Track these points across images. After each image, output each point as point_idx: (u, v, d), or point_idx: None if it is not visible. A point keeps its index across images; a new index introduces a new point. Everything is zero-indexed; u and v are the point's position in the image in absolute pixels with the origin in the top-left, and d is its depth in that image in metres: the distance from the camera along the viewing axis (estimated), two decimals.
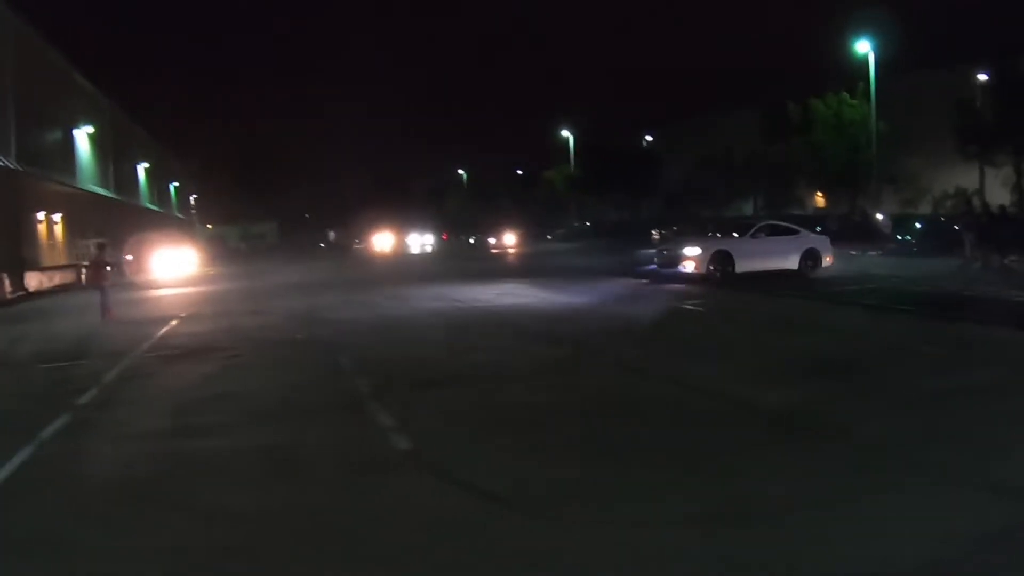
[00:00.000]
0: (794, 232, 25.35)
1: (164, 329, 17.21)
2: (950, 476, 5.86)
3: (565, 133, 72.70)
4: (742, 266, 23.64)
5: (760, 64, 64.12)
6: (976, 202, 31.36)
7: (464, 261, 42.14)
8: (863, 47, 43.82)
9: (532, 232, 64.56)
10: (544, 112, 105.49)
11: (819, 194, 59.04)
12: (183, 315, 19.93)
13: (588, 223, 66.84)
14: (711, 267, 23.48)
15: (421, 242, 70.46)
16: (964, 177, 45.98)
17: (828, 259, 24.72)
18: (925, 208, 47.11)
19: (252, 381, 11.00)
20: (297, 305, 21.31)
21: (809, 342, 12.77)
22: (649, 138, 74.49)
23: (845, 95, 47.56)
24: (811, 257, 24.44)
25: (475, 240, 67.32)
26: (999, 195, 42.86)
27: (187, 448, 7.69)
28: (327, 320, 17.57)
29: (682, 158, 63.82)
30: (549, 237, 66.34)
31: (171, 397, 10.15)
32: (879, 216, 40.32)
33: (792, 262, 24.16)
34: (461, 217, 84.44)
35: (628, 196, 66.09)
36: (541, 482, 6.16)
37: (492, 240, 61.83)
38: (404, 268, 38.95)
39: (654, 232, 50.64)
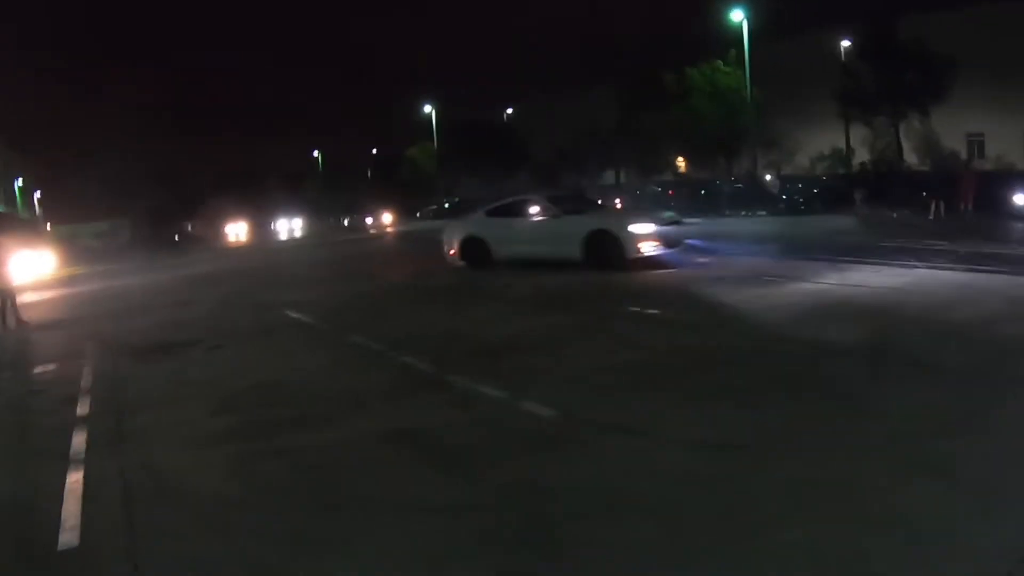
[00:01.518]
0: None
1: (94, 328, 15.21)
2: None
3: (428, 109, 71.07)
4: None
5: (629, 35, 64.11)
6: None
7: (348, 246, 40.18)
8: (737, 16, 44.43)
9: (402, 212, 63.13)
10: (406, 91, 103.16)
11: (680, 159, 60.06)
12: (98, 314, 17.74)
13: (457, 200, 65.58)
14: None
15: (290, 227, 67.90)
16: (837, 138, 47.74)
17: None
18: (797, 169, 48.47)
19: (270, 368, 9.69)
20: (224, 289, 19.74)
21: None
22: (510, 111, 73.84)
23: (719, 63, 48.10)
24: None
25: (350, 221, 65.07)
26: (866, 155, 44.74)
27: (287, 445, 6.45)
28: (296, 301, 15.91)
29: (551, 129, 63.42)
30: (417, 215, 65.00)
31: (198, 391, 8.73)
32: (768, 178, 40.98)
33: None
34: (321, 200, 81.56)
35: (497, 170, 65.08)
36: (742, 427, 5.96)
37: (369, 220, 60.00)
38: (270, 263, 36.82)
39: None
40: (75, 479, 6.06)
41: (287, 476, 5.86)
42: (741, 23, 44.74)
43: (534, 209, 17.82)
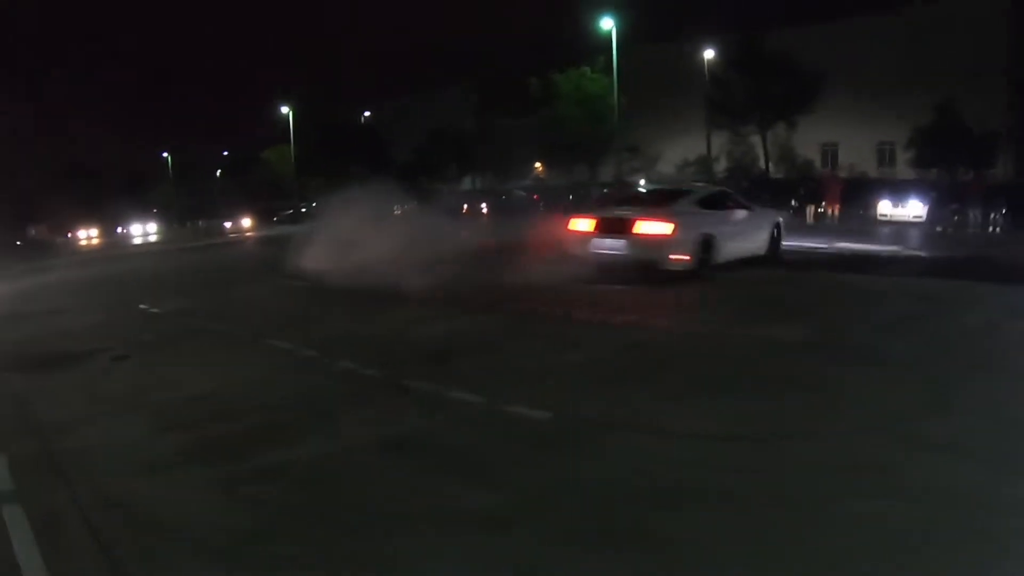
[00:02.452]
0: None
1: None
2: None
3: (284, 110, 68.98)
4: None
5: (493, 39, 63.78)
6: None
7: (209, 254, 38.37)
8: (607, 23, 44.91)
9: (259, 216, 61.05)
10: (261, 91, 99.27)
11: (539, 165, 60.61)
12: None
13: (315, 204, 63.76)
14: None
15: (144, 231, 64.63)
16: (699, 146, 49.05)
17: None
18: (662, 176, 49.54)
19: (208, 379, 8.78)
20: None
21: None
22: (367, 113, 72.54)
23: (586, 69, 48.58)
24: None
25: (206, 226, 62.30)
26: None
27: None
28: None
29: (411, 132, 62.67)
30: (275, 220, 63.03)
31: (125, 407, 7.85)
32: (641, 183, 41.55)
33: None
34: (172, 202, 78.06)
35: (358, 173, 63.52)
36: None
37: (228, 224, 57.67)
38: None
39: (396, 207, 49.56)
40: (14, 516, 5.20)
41: (291, 497, 5.23)
42: (610, 30, 45.20)
43: None
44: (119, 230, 67.50)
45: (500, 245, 21.62)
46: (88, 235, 65.71)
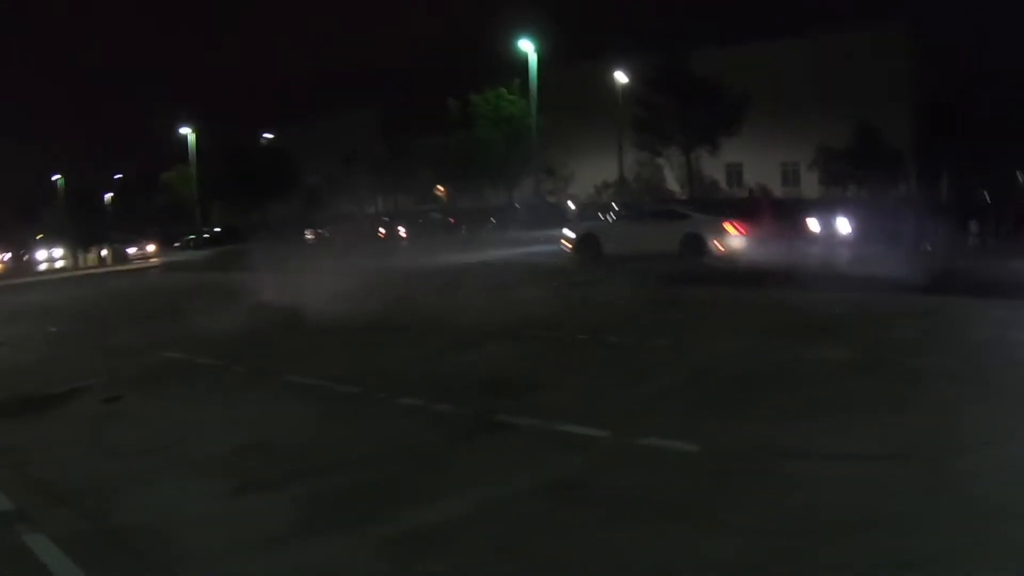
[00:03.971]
0: None
1: None
2: None
3: (185, 131, 66.28)
4: None
5: (404, 61, 62.81)
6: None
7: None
8: (526, 46, 44.65)
9: (161, 241, 58.35)
10: (158, 112, 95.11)
11: (440, 188, 60.00)
12: None
13: (218, 229, 61.27)
14: None
15: (49, 257, 60.96)
16: (609, 167, 49.38)
17: None
18: (581, 196, 49.66)
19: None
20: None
21: None
22: (268, 135, 70.55)
23: (503, 91, 48.22)
24: None
25: (110, 252, 58.99)
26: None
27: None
28: None
29: (318, 154, 61.10)
30: (177, 245, 60.38)
31: (159, 464, 6.66)
32: (569, 203, 41.27)
33: None
34: (65, 228, 73.89)
35: (261, 197, 61.30)
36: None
37: (132, 250, 54.85)
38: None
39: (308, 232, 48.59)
40: None
41: (477, 565, 4.35)
42: (527, 53, 44.91)
43: None
44: (23, 256, 63.48)
45: (443, 269, 21.49)
46: None
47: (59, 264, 59.30)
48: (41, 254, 62.38)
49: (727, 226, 20.26)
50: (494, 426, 6.83)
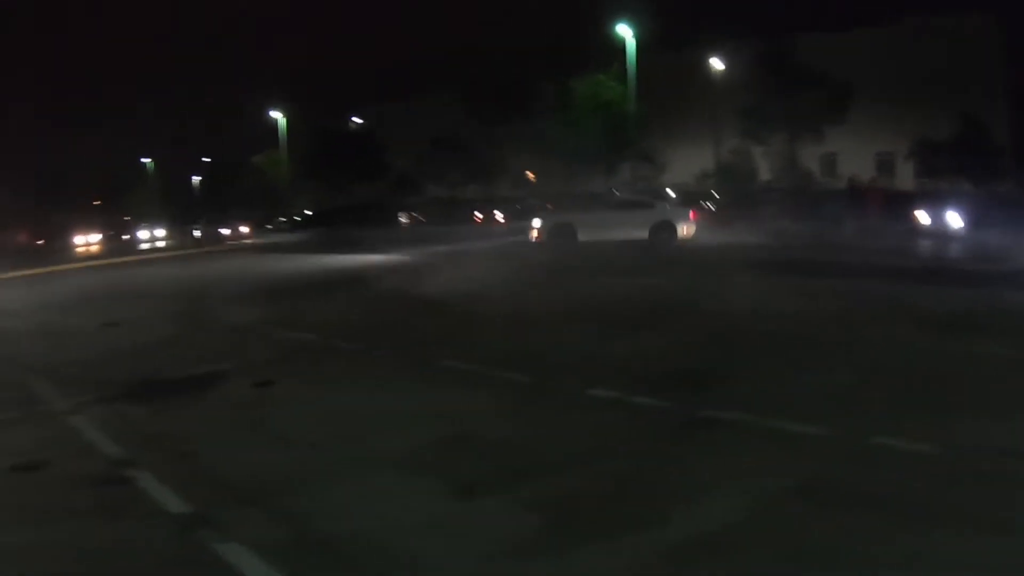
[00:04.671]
0: None
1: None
2: None
3: (276, 115, 66.51)
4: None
5: (497, 46, 61.98)
6: None
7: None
8: (624, 31, 43.64)
9: (254, 222, 58.68)
10: (246, 95, 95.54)
11: (529, 173, 59.08)
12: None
13: (308, 211, 61.31)
14: None
15: (152, 237, 61.71)
16: (705, 155, 48.23)
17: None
18: (676, 185, 48.30)
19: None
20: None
21: None
22: (358, 120, 70.38)
23: (601, 76, 47.18)
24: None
25: (201, 232, 59.33)
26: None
27: None
28: None
29: (411, 138, 60.66)
30: (269, 227, 60.72)
31: (365, 454, 6.03)
32: (669, 191, 39.98)
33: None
34: (154, 210, 74.92)
35: (353, 180, 61.04)
36: None
37: (225, 231, 55.12)
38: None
39: (402, 216, 48.39)
40: None
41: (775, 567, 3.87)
42: (625, 38, 43.86)
43: None
44: (122, 236, 64.20)
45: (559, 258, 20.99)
46: (87, 241, 62.49)
47: (161, 244, 59.69)
48: (142, 234, 63.00)
49: (692, 215, 24.24)
50: (706, 422, 6.25)
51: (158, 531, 4.84)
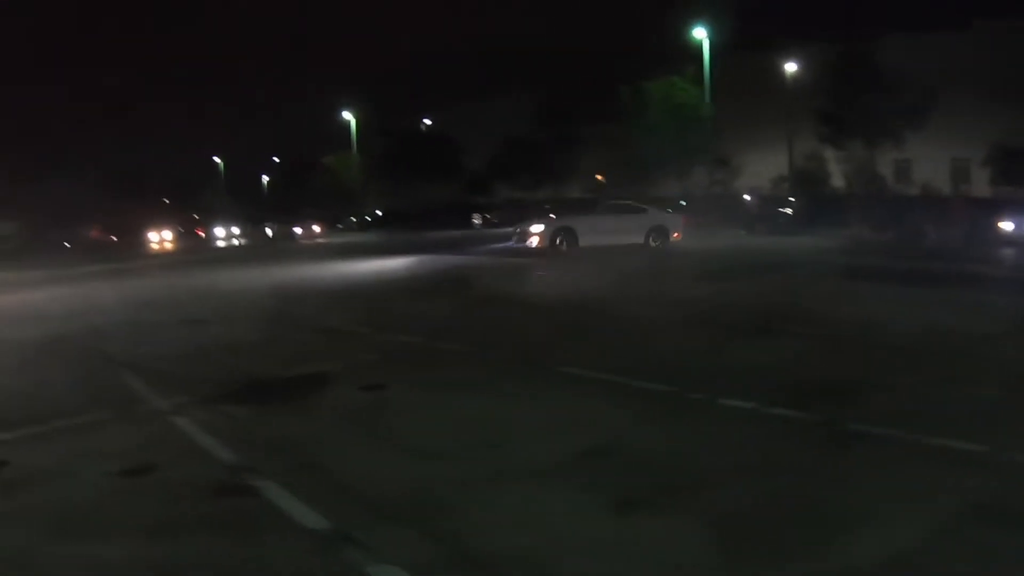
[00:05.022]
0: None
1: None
2: None
3: (347, 116, 66.88)
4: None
5: (567, 48, 61.77)
6: None
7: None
8: (700, 33, 43.05)
9: (328, 222, 59.15)
10: (316, 96, 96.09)
11: (599, 176, 58.60)
12: (78, 332, 13.55)
13: (379, 212, 61.58)
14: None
15: (229, 234, 62.27)
16: (780, 159, 47.34)
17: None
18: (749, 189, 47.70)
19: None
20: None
21: None
22: (428, 121, 70.56)
23: (676, 79, 46.74)
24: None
25: (274, 231, 59.62)
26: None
27: None
28: None
29: (481, 141, 60.58)
30: (340, 226, 61.11)
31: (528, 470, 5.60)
32: (746, 196, 39.26)
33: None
34: (225, 208, 75.83)
35: (422, 181, 61.14)
36: None
37: (298, 230, 55.43)
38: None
39: (475, 217, 48.84)
40: None
41: None
42: (702, 40, 43.25)
43: None
44: (197, 233, 64.70)
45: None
46: (161, 238, 63.13)
47: (237, 242, 59.96)
48: (219, 231, 63.45)
49: (683, 220, 27.13)
50: (857, 437, 5.84)
51: (297, 549, 4.48)
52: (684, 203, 40.18)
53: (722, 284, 15.57)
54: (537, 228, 25.37)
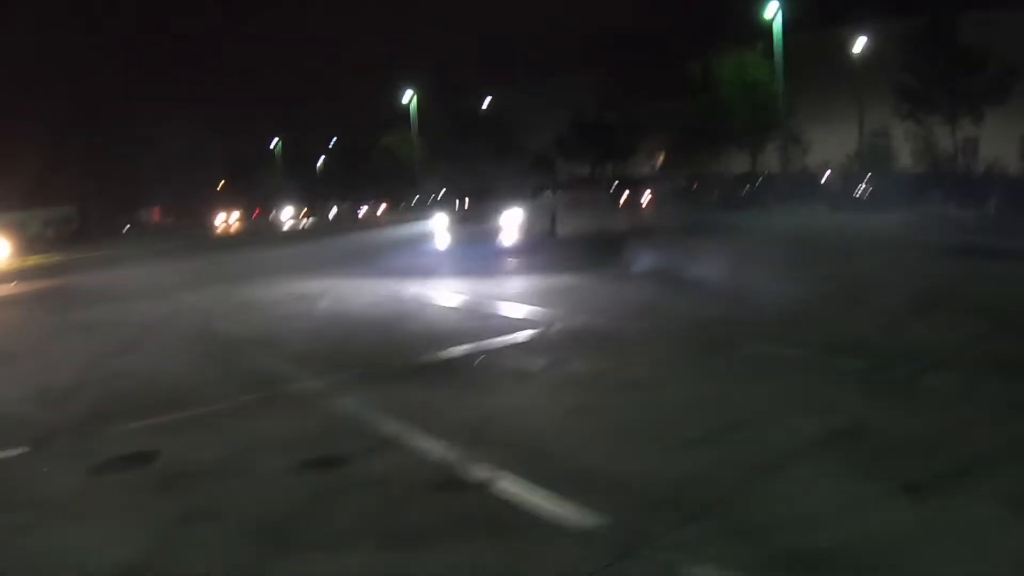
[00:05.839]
0: None
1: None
2: None
3: (407, 96, 66.43)
4: None
5: (633, 23, 60.90)
6: None
7: None
8: (771, 10, 42.17)
9: (393, 201, 59.03)
10: (373, 77, 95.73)
11: (660, 155, 57.81)
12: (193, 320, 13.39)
13: (444, 190, 61.29)
14: None
15: (295, 215, 62.60)
16: (849, 137, 46.57)
17: None
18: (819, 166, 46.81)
19: None
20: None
21: None
22: (490, 98, 69.98)
23: (748, 55, 46.04)
24: None
25: (337, 212, 59.73)
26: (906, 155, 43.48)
27: None
28: None
29: (544, 117, 60.03)
30: (402, 206, 61.14)
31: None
32: (828, 173, 38.65)
33: None
34: (282, 188, 76.04)
35: (484, 160, 60.63)
36: None
37: (363, 210, 55.51)
38: None
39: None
40: None
41: None
42: (775, 14, 42.34)
43: None
44: (263, 215, 64.93)
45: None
46: (227, 219, 63.37)
47: (304, 222, 60.00)
48: (285, 212, 63.70)
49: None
50: None
51: (573, 553, 4.13)
52: (761, 179, 39.74)
53: (847, 264, 15.14)
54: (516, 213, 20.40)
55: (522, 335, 9.46)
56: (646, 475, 5.09)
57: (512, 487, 4.92)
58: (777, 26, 41.62)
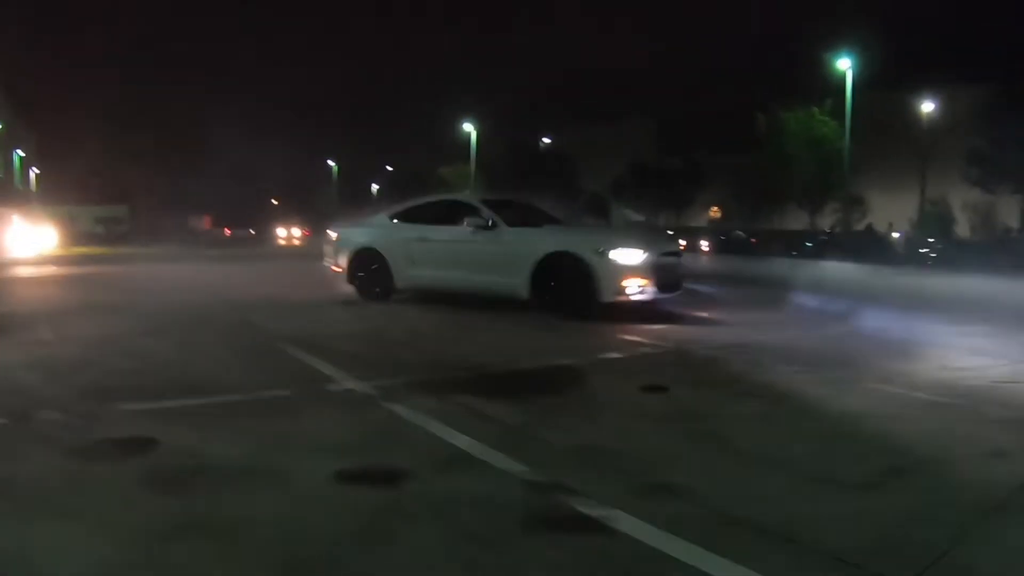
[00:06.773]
0: None
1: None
2: None
3: (467, 128, 66.38)
4: None
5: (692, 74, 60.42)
6: None
7: None
8: (843, 64, 41.46)
9: None
10: (430, 108, 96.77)
11: (714, 209, 57.10)
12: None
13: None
14: None
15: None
16: (910, 200, 45.80)
17: None
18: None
19: None
20: None
21: None
22: (548, 139, 69.77)
23: (815, 110, 45.26)
24: None
25: None
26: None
27: None
28: None
29: (601, 162, 59.64)
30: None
31: None
32: (895, 235, 37.66)
33: None
34: (337, 212, 76.36)
35: (540, 198, 60.22)
36: None
37: None
38: None
39: None
40: None
41: None
42: (845, 72, 41.53)
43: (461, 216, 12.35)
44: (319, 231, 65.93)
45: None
46: (289, 234, 64.70)
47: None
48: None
49: None
50: None
51: None
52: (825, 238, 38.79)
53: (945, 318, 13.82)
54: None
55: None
56: (776, 509, 4.06)
57: (641, 528, 3.75)
58: (848, 82, 40.87)
